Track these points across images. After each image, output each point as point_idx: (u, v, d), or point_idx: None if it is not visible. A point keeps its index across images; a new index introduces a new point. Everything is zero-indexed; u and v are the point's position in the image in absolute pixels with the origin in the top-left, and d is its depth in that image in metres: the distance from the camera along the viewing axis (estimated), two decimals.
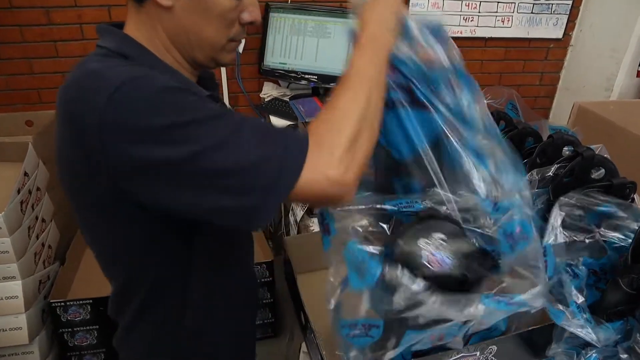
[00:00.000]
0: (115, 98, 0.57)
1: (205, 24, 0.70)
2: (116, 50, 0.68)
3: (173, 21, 0.69)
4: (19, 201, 1.52)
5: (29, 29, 1.99)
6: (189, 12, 0.68)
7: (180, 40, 0.71)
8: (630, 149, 1.49)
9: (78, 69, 0.66)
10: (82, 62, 0.68)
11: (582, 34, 2.46)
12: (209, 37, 0.71)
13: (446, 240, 0.80)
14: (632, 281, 0.75)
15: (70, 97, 0.64)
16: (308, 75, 1.97)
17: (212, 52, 0.73)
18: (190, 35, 0.71)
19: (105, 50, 0.69)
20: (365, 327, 0.71)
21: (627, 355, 0.74)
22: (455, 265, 0.78)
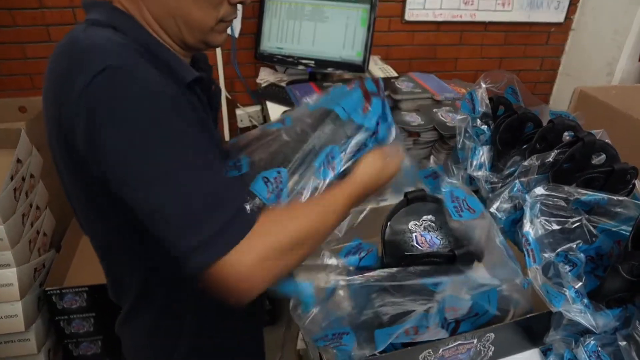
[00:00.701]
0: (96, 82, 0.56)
1: (190, 5, 0.67)
2: (106, 22, 0.66)
3: (158, 4, 0.67)
4: (12, 188, 1.50)
5: (20, 12, 1.96)
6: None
7: (167, 23, 0.69)
8: (632, 134, 1.47)
9: (66, 38, 0.65)
10: (71, 32, 0.66)
11: (583, 17, 2.42)
12: (196, 19, 0.69)
13: (434, 221, 0.83)
14: (632, 268, 0.74)
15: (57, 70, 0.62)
16: (305, 60, 1.94)
17: (201, 34, 0.71)
18: (177, 17, 0.68)
19: (94, 22, 0.66)
20: (336, 336, 0.73)
21: (625, 342, 0.73)
22: (444, 244, 0.80)
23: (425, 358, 0.77)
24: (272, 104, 1.90)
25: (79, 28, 0.65)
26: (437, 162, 1.26)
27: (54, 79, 0.63)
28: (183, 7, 0.67)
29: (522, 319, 0.81)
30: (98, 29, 0.64)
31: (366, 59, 1.86)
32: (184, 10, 0.67)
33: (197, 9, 0.67)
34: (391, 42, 2.33)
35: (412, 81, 1.53)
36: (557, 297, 0.75)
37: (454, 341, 0.77)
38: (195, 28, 0.70)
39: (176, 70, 0.68)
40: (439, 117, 1.29)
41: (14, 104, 2.00)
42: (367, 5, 1.81)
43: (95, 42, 0.60)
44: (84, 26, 0.65)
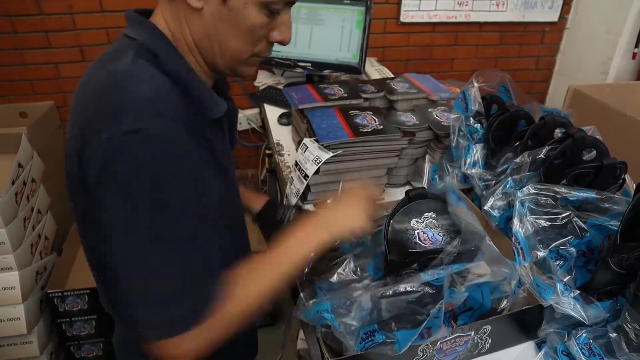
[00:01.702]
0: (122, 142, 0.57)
1: (231, 35, 0.67)
2: (147, 46, 0.66)
3: (200, 24, 0.67)
4: (13, 192, 1.52)
5: (19, 19, 1.98)
6: (218, 20, 0.66)
7: (204, 44, 0.69)
8: (625, 131, 1.49)
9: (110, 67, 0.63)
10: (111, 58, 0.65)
11: (577, 16, 2.45)
12: (233, 49, 0.69)
13: (436, 218, 0.84)
14: (622, 260, 0.75)
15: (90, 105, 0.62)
16: (302, 62, 1.96)
17: (232, 63, 0.71)
18: (214, 42, 0.68)
19: (137, 44, 0.66)
20: (368, 334, 0.76)
21: (615, 333, 0.74)
22: (446, 241, 0.82)
23: (424, 350, 0.78)
24: (269, 107, 1.92)
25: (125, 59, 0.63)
26: (433, 161, 1.28)
27: (84, 112, 0.63)
28: (223, 34, 0.67)
29: (516, 311, 0.82)
30: (144, 67, 0.63)
31: (362, 61, 1.88)
32: (224, 37, 0.67)
33: (236, 40, 0.68)
34: (387, 43, 2.35)
35: (407, 82, 1.55)
36: (546, 289, 0.76)
37: (452, 333, 0.78)
38: (229, 56, 0.70)
39: (206, 106, 0.70)
40: (434, 116, 1.31)
41: (15, 110, 2.02)
42: (362, 8, 1.83)
43: (137, 93, 0.59)
44: (131, 57, 0.64)
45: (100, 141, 0.57)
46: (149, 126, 0.57)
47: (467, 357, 0.85)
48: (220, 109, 0.72)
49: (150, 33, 0.68)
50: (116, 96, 0.59)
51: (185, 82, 0.67)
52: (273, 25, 0.70)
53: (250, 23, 0.66)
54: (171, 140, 0.59)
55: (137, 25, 0.69)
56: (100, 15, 2.05)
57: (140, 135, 0.56)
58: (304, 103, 1.38)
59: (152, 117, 0.58)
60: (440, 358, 0.81)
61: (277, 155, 1.52)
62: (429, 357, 0.80)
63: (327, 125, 1.22)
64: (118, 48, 0.67)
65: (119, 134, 0.56)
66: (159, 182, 0.58)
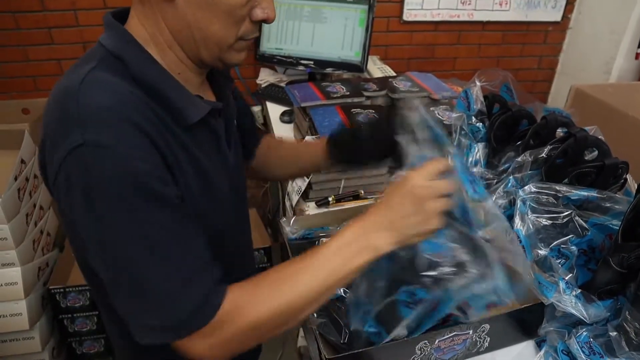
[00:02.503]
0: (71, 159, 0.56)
1: (211, 20, 0.63)
2: (114, 52, 0.64)
3: (176, 16, 0.63)
4: (16, 188, 1.53)
5: (22, 15, 1.98)
6: (194, 7, 0.62)
7: (183, 37, 0.65)
8: (628, 131, 1.48)
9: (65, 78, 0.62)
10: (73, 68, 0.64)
11: (580, 16, 2.44)
12: (215, 35, 0.65)
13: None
14: (622, 260, 0.75)
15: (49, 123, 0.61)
16: (304, 60, 1.96)
17: (218, 51, 0.67)
18: (195, 31, 0.64)
19: (104, 51, 0.64)
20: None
21: (616, 332, 0.74)
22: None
23: (422, 349, 0.78)
24: (271, 104, 1.92)
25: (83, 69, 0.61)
26: None
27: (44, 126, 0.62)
28: (202, 21, 0.63)
29: (515, 310, 0.82)
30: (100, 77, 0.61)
31: (364, 59, 1.88)
32: (203, 24, 0.64)
33: (217, 24, 0.64)
34: (390, 42, 2.35)
35: (409, 80, 1.56)
36: (548, 287, 0.77)
37: (450, 332, 0.78)
38: (214, 44, 0.66)
39: (180, 111, 0.65)
40: (436, 115, 1.31)
41: (18, 106, 2.03)
42: (365, 6, 1.83)
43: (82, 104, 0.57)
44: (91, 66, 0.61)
45: (56, 165, 0.57)
46: (96, 138, 0.55)
47: (465, 356, 0.85)
48: (198, 112, 0.67)
49: (119, 38, 0.65)
50: (66, 109, 0.58)
51: (155, 87, 0.64)
52: (253, 2, 0.66)
53: (228, 4, 0.63)
54: (118, 151, 0.56)
55: (108, 30, 0.66)
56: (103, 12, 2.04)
57: (85, 149, 0.55)
58: (306, 101, 1.39)
59: (97, 129, 0.56)
60: (439, 356, 0.82)
61: None
62: (427, 356, 0.80)
63: (329, 123, 1.23)
64: (87, 55, 0.65)
65: (66, 153, 0.55)
66: (115, 194, 0.56)
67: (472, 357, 0.86)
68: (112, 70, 0.62)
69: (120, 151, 0.56)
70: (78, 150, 0.55)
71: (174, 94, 0.65)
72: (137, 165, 0.57)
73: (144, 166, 0.57)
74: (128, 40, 0.65)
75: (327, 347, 0.80)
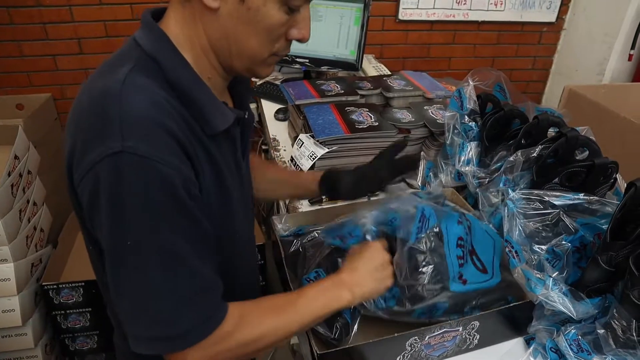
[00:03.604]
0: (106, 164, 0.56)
1: (249, 35, 0.65)
2: (150, 53, 0.64)
3: (216, 25, 0.64)
4: (9, 184, 1.52)
5: (17, 10, 1.97)
6: (235, 20, 0.63)
7: (220, 45, 0.67)
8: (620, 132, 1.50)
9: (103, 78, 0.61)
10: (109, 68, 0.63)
11: (575, 17, 2.46)
12: (251, 49, 0.66)
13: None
14: (611, 258, 0.76)
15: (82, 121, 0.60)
16: (300, 58, 1.96)
17: (251, 63, 0.69)
18: (232, 42, 0.66)
19: (140, 51, 0.64)
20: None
21: (603, 330, 0.75)
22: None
23: (412, 345, 0.79)
24: (266, 102, 1.92)
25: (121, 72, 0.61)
26: (427, 159, 1.29)
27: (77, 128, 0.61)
28: (241, 35, 0.65)
29: (505, 307, 0.83)
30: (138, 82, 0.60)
31: (359, 58, 1.88)
32: (241, 38, 0.65)
33: (254, 39, 0.66)
34: (385, 41, 2.36)
35: (404, 79, 1.56)
36: (537, 283, 0.77)
37: (440, 328, 0.79)
38: (248, 57, 0.68)
39: (208, 119, 0.66)
40: (429, 114, 1.32)
41: (12, 102, 2.02)
42: (360, 5, 1.83)
43: (124, 112, 0.57)
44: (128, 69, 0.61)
45: (87, 165, 0.57)
46: (133, 147, 0.55)
47: (455, 353, 0.86)
48: (226, 121, 0.68)
49: (155, 39, 0.65)
50: (104, 115, 0.57)
51: (188, 92, 0.65)
52: (292, 22, 0.67)
53: (269, 22, 0.64)
54: (155, 162, 0.56)
55: (146, 29, 0.66)
56: (98, 8, 2.05)
57: (123, 156, 0.55)
58: (300, 99, 1.39)
59: (137, 137, 0.56)
60: (429, 353, 0.82)
61: (273, 150, 1.52)
62: (417, 352, 0.81)
63: (323, 121, 1.23)
64: (122, 53, 0.66)
65: (102, 157, 0.56)
66: (145, 204, 0.57)
67: (462, 354, 0.87)
68: (149, 73, 0.62)
69: (157, 162, 0.56)
70: (115, 157, 0.55)
71: (205, 100, 0.66)
72: (172, 177, 0.58)
73: (178, 178, 0.59)
74: (164, 41, 0.65)
75: (319, 343, 0.80)
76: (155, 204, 0.58)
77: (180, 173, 0.59)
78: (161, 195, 0.58)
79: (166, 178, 0.57)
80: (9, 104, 2.02)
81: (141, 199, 0.57)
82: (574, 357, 0.78)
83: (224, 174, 0.71)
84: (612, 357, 0.74)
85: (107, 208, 0.57)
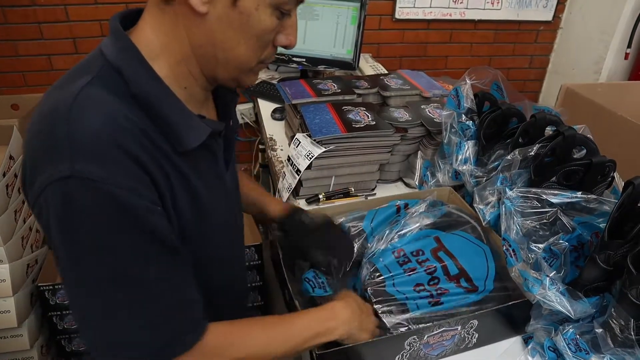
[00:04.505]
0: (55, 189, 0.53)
1: (239, 41, 0.61)
2: (114, 64, 0.59)
3: (203, 30, 0.60)
4: (4, 184, 1.51)
5: (12, 10, 1.96)
6: (225, 25, 0.60)
7: (205, 53, 0.62)
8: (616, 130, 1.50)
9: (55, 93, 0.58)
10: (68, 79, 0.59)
11: (571, 16, 2.46)
12: (240, 56, 0.63)
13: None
14: (608, 257, 0.76)
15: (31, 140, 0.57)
16: (296, 57, 1.95)
17: (237, 72, 0.66)
18: (218, 49, 0.62)
19: (103, 61, 0.60)
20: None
21: (601, 329, 0.75)
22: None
23: (411, 344, 0.79)
24: (263, 101, 1.91)
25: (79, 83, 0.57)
26: (425, 158, 1.29)
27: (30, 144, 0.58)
28: (230, 41, 0.61)
29: (503, 306, 0.83)
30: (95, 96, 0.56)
31: (356, 57, 1.88)
32: (230, 45, 0.61)
33: (244, 46, 0.62)
34: (382, 40, 2.35)
35: (401, 78, 1.56)
36: (534, 283, 0.77)
37: (439, 327, 0.79)
38: (235, 65, 0.64)
39: (180, 136, 0.62)
40: (426, 113, 1.32)
41: (7, 102, 2.00)
42: (357, 4, 1.83)
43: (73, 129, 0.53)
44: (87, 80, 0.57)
45: (37, 190, 0.54)
46: (82, 171, 0.52)
47: (453, 352, 0.85)
48: (199, 136, 0.64)
49: (121, 49, 0.60)
50: (53, 132, 0.54)
51: (157, 107, 0.60)
52: (280, 28, 0.65)
53: (261, 27, 0.61)
54: (108, 185, 0.53)
55: (112, 37, 0.61)
56: (94, 8, 2.04)
57: (71, 181, 0.52)
58: (297, 98, 1.38)
59: (88, 159, 0.52)
60: (428, 352, 0.82)
61: (270, 150, 1.52)
62: (416, 351, 0.80)
63: (320, 121, 1.22)
64: (85, 63, 0.61)
65: (50, 181, 0.52)
66: (96, 229, 0.54)
67: (461, 352, 0.86)
68: (109, 87, 0.58)
69: (110, 184, 0.53)
70: (64, 182, 0.52)
71: (175, 115, 0.62)
72: (127, 199, 0.54)
73: (135, 201, 0.55)
74: (131, 51, 0.60)
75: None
76: (108, 228, 0.54)
77: (138, 196, 0.55)
78: (115, 219, 0.54)
79: (120, 201, 0.53)
80: (3, 104, 2.01)
81: (92, 224, 0.53)
82: (572, 357, 0.78)
83: (199, 192, 0.67)
84: (610, 356, 0.74)
85: (58, 234, 0.54)
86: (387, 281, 0.86)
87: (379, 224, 1.01)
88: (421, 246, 0.93)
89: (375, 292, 0.85)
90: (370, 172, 1.27)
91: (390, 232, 0.96)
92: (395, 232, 0.96)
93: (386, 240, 0.95)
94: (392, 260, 0.90)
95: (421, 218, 0.99)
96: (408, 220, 0.98)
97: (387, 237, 0.95)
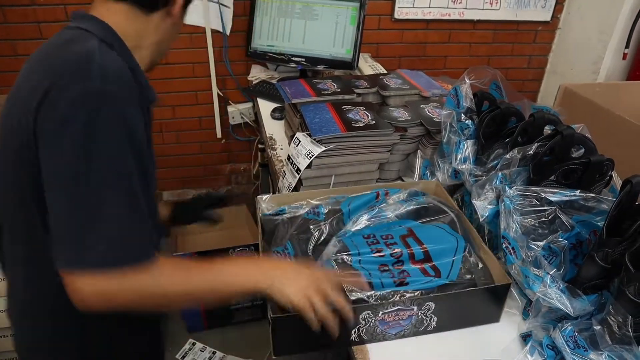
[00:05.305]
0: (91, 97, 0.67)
1: (174, 35, 0.89)
2: (104, 39, 0.76)
3: (167, 30, 0.85)
4: None
5: (11, 9, 1.96)
6: (176, 26, 0.87)
7: (161, 46, 0.87)
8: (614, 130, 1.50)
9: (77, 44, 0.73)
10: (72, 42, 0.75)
11: (570, 16, 2.46)
12: (169, 45, 0.90)
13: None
14: (607, 255, 0.77)
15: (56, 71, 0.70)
16: (296, 57, 1.96)
17: (161, 57, 0.90)
18: (166, 43, 0.88)
19: (95, 36, 0.76)
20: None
21: (600, 326, 0.75)
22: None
23: (366, 319, 0.81)
24: (263, 101, 1.92)
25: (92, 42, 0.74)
26: (424, 157, 1.29)
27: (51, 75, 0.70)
28: (172, 36, 0.88)
29: (460, 291, 0.85)
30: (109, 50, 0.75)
31: (356, 57, 1.89)
32: (172, 38, 0.88)
33: (174, 38, 0.89)
34: (381, 40, 2.36)
35: (400, 78, 1.56)
36: (535, 281, 0.78)
37: (393, 305, 0.81)
38: (165, 52, 0.90)
39: (146, 92, 0.81)
40: (426, 112, 1.32)
41: None
42: (356, 4, 1.84)
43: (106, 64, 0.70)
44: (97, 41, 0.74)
45: (67, 94, 0.67)
46: (115, 89, 0.69)
47: (413, 333, 0.87)
48: (154, 95, 0.85)
49: (103, 28, 0.78)
50: (88, 63, 0.69)
51: (137, 72, 0.79)
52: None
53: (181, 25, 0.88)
54: (131, 105, 0.71)
55: (87, 21, 0.78)
56: None
57: (106, 94, 0.68)
58: (297, 97, 1.39)
59: (118, 84, 0.70)
60: (385, 330, 0.84)
61: (269, 149, 1.52)
62: (372, 327, 0.82)
63: (320, 120, 1.23)
64: (76, 35, 0.76)
65: (87, 90, 0.67)
66: (116, 136, 0.68)
67: (421, 335, 0.88)
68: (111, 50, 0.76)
69: (130, 105, 0.71)
70: (97, 94, 0.67)
71: (143, 81, 0.82)
72: (137, 121, 0.72)
73: (139, 125, 0.73)
74: (111, 31, 0.79)
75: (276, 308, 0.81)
76: (125, 136, 0.69)
77: (141, 121, 0.73)
78: (126, 133, 0.69)
79: (134, 121, 0.71)
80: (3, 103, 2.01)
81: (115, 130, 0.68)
82: (570, 354, 0.78)
83: (149, 139, 0.83)
84: (609, 353, 0.74)
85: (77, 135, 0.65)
86: (353, 257, 0.89)
87: (357, 207, 1.03)
88: (392, 232, 0.95)
89: (341, 266, 0.87)
90: (370, 171, 1.28)
91: (364, 215, 0.99)
92: (371, 216, 0.99)
93: (360, 222, 0.98)
94: (362, 241, 0.92)
95: (398, 206, 1.01)
96: (384, 207, 1.00)
97: (360, 220, 0.98)
